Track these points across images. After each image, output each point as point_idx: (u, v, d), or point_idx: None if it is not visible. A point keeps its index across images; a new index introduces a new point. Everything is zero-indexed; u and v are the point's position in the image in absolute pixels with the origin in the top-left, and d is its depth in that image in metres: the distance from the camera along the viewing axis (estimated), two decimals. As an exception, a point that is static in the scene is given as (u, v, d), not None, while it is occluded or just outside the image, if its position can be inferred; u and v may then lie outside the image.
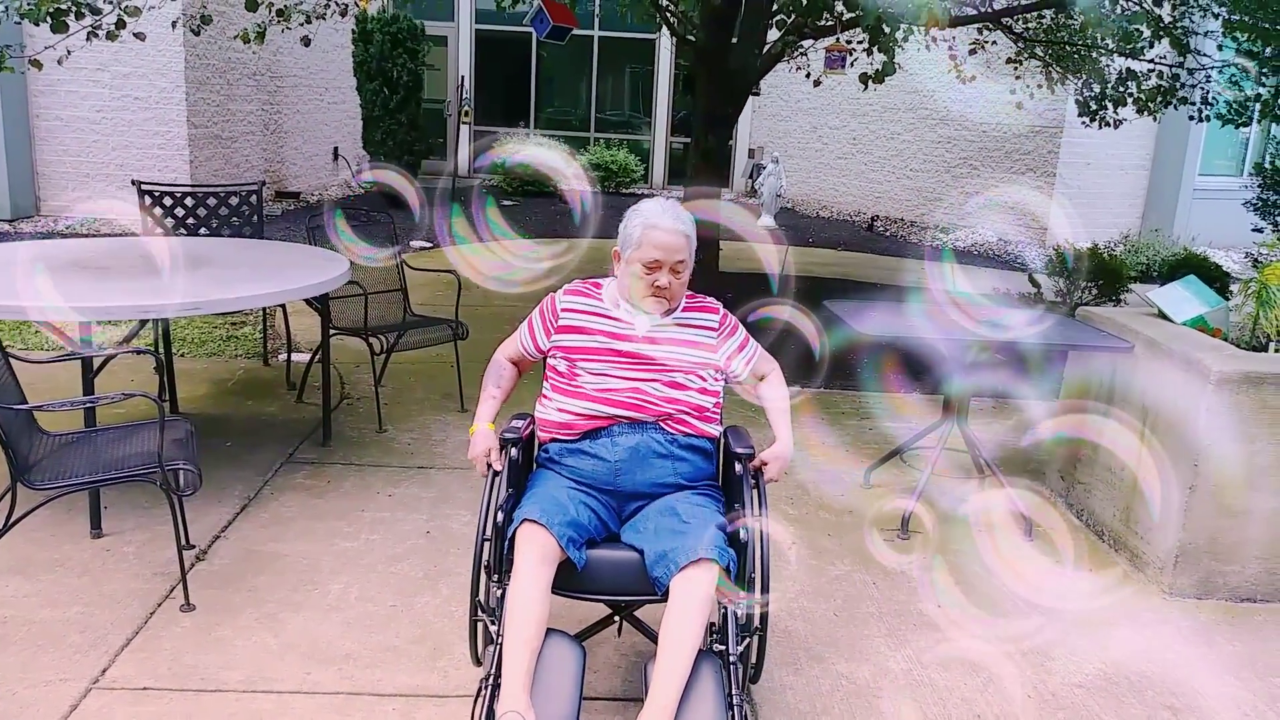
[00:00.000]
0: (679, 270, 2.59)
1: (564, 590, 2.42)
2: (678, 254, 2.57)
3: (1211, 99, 7.65)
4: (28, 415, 3.07)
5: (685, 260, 2.60)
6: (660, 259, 2.56)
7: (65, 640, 2.83)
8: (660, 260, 2.56)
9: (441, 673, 2.79)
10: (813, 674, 2.90)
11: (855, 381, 5.79)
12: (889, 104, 12.71)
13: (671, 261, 2.57)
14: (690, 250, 2.61)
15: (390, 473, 4.15)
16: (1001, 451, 4.69)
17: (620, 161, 14.36)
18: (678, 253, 2.57)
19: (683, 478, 2.59)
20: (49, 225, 9.16)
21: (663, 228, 2.56)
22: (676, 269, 2.58)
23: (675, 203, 2.65)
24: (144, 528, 3.52)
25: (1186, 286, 4.07)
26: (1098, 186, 11.57)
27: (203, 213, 5.25)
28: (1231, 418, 3.39)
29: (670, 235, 2.56)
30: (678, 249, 2.57)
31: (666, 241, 2.56)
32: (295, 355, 5.39)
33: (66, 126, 9.42)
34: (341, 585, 3.23)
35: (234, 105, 10.36)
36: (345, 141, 12.79)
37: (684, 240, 2.58)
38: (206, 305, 3.57)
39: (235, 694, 2.65)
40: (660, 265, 2.56)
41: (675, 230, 2.57)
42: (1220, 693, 2.95)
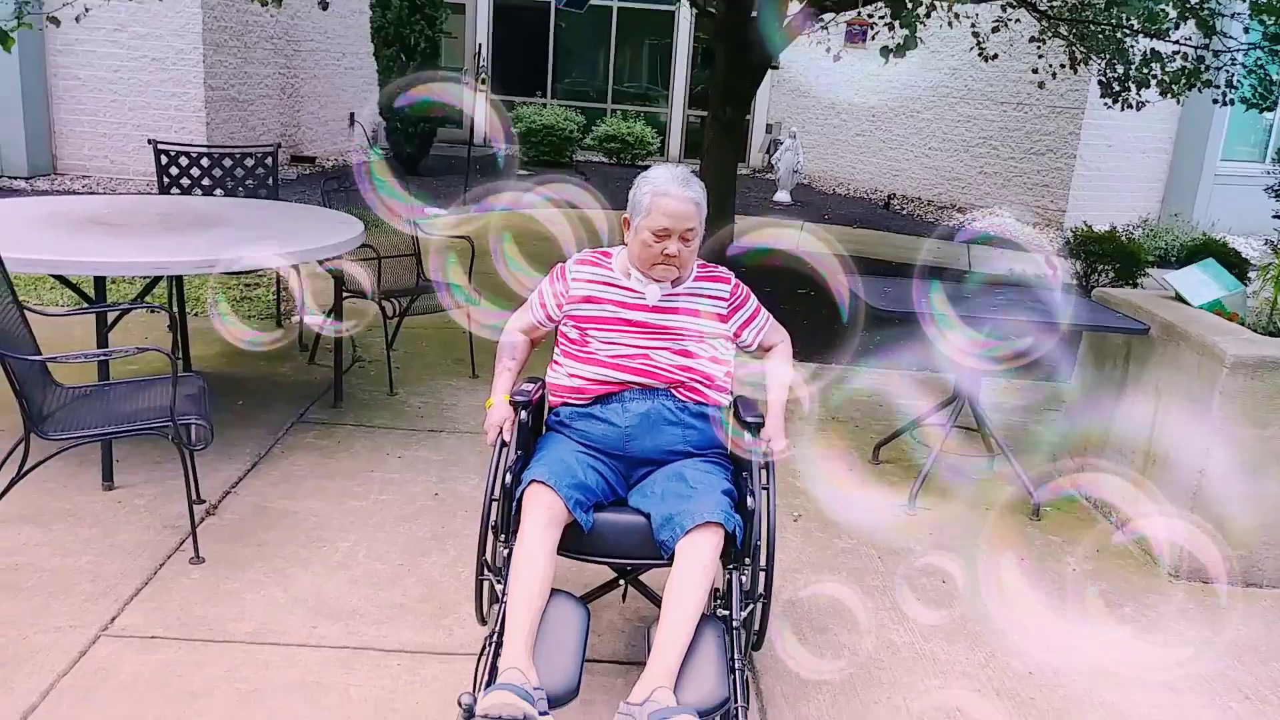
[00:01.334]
0: (688, 238, 2.58)
1: (570, 552, 2.44)
2: (687, 221, 2.55)
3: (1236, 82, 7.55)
4: (42, 367, 3.09)
5: (695, 228, 2.58)
6: (669, 227, 2.54)
7: (76, 588, 2.86)
8: (669, 228, 2.54)
9: (446, 631, 2.82)
10: (815, 644, 2.92)
11: (864, 356, 5.77)
12: (909, 81, 12.59)
13: (681, 229, 2.55)
14: (700, 218, 2.59)
15: (400, 435, 4.17)
16: (1011, 430, 4.68)
17: (637, 134, 14.28)
18: (687, 220, 2.55)
19: (691, 445, 2.59)
20: (65, 184, 9.19)
21: (673, 195, 2.54)
22: (686, 237, 2.57)
23: (685, 170, 2.63)
24: (155, 481, 3.55)
25: (1205, 270, 4.04)
26: (1118, 169, 11.46)
27: (218, 173, 5.24)
28: (1245, 403, 3.37)
29: (680, 203, 2.54)
30: (687, 216, 2.55)
31: (676, 209, 2.54)
32: (308, 318, 5.41)
33: (84, 86, 9.42)
34: (350, 543, 3.26)
35: (251, 68, 10.34)
36: (361, 108, 12.76)
37: (694, 208, 2.56)
38: (221, 263, 3.57)
39: (243, 645, 2.67)
40: (669, 233, 2.55)
41: (685, 198, 2.55)
42: (1223, 676, 2.95)
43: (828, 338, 6.04)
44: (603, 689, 2.60)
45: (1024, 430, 4.77)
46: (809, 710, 2.61)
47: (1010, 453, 4.04)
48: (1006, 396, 5.30)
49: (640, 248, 2.59)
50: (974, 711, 2.67)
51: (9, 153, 9.13)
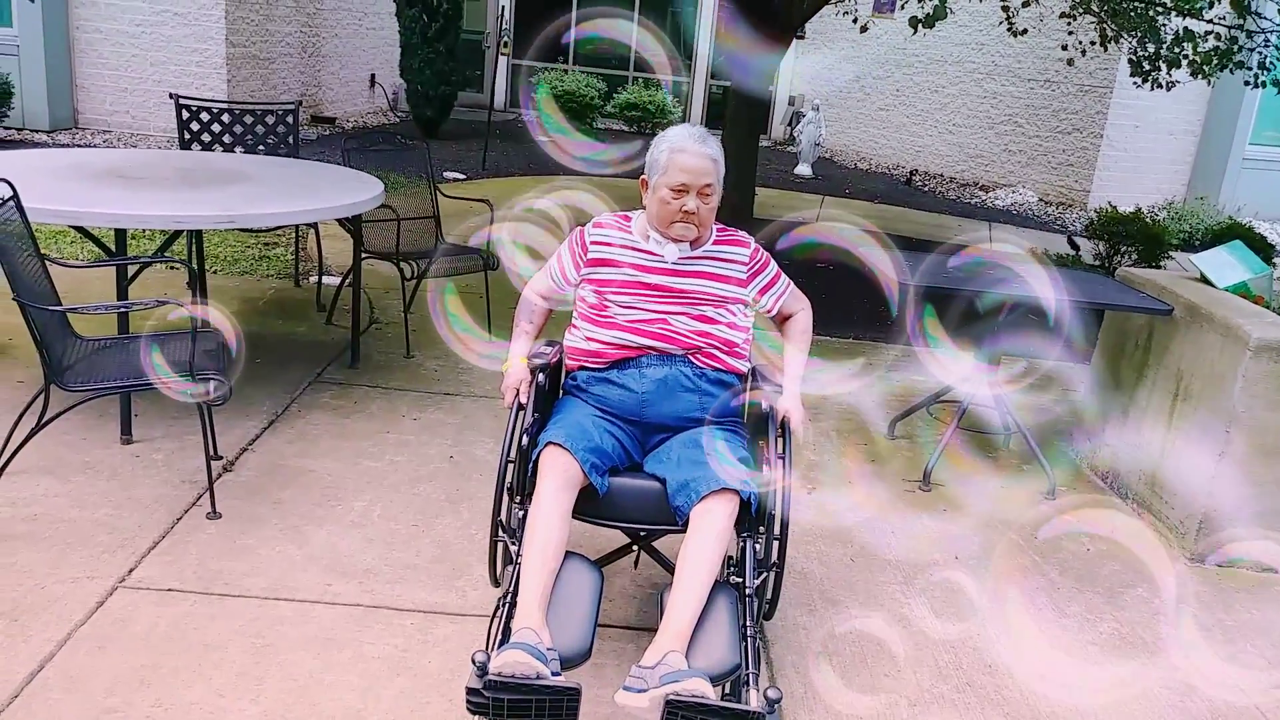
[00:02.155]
0: (707, 194, 2.56)
1: (585, 516, 2.44)
2: (705, 177, 2.54)
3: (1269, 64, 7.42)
4: (62, 318, 3.10)
5: (713, 184, 2.56)
6: (687, 182, 2.53)
7: (94, 540, 2.89)
8: (687, 184, 2.53)
9: (460, 592, 2.83)
10: (826, 616, 2.92)
11: (882, 331, 5.74)
12: (935, 56, 12.44)
13: (699, 185, 2.54)
14: (718, 175, 2.58)
15: (416, 397, 4.18)
16: (1028, 409, 4.65)
17: (658, 102, 14.16)
18: (705, 176, 2.54)
19: (708, 412, 2.58)
20: (86, 138, 9.19)
21: (690, 151, 2.53)
22: (705, 193, 2.55)
23: (702, 128, 2.62)
24: (173, 436, 3.56)
25: (1231, 251, 3.99)
26: (1145, 150, 11.31)
27: (239, 130, 5.23)
28: (1267, 386, 3.34)
29: (697, 159, 2.53)
30: (705, 172, 2.54)
31: (693, 165, 2.53)
32: (326, 278, 5.41)
33: (106, 39, 9.39)
34: (365, 503, 3.27)
35: (273, 26, 10.28)
36: (383, 69, 12.69)
37: (711, 164, 2.55)
38: (240, 219, 3.57)
39: (258, 600, 2.69)
40: (687, 189, 2.53)
41: (702, 154, 2.54)
42: (1236, 658, 2.94)
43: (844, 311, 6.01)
44: (614, 653, 2.61)
45: (1041, 409, 4.73)
46: (818, 680, 2.62)
47: (1026, 431, 4.02)
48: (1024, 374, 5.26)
49: (658, 205, 2.58)
50: (985, 685, 2.67)
51: (31, 105, 9.12)
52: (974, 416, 4.26)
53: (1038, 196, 11.60)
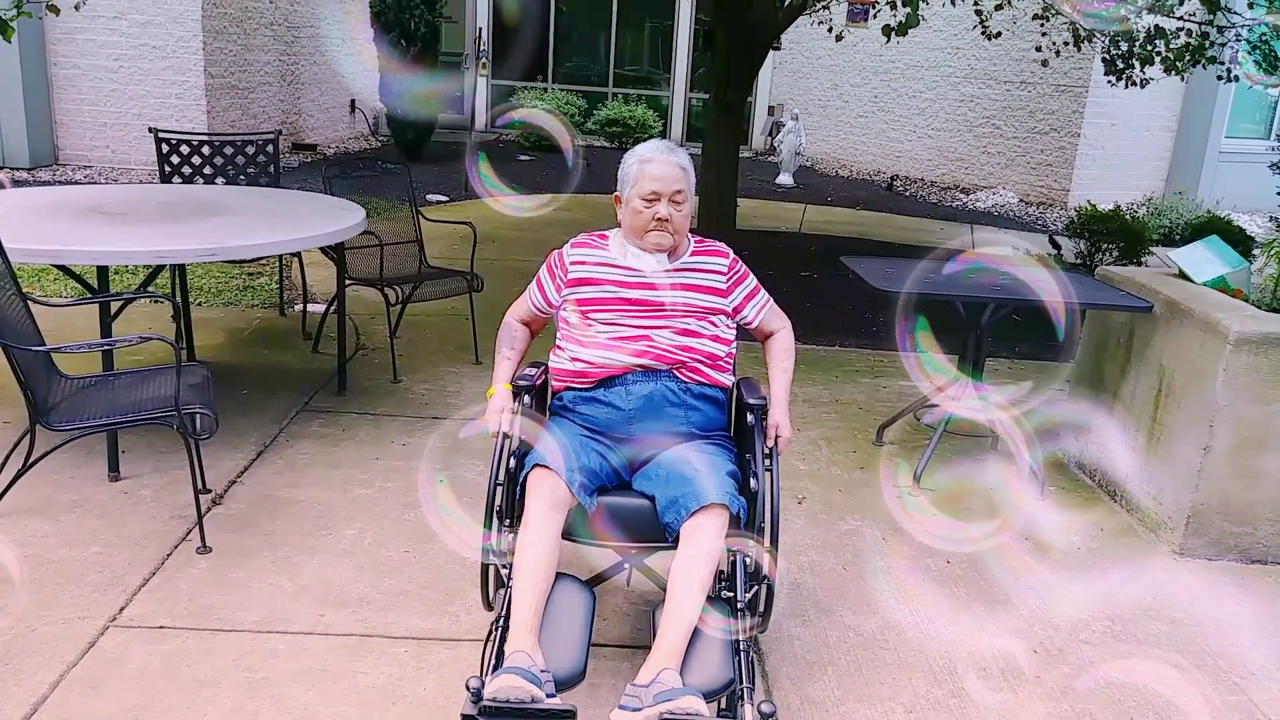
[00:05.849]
0: (678, 201, 2.61)
1: (575, 536, 2.44)
2: (675, 184, 2.60)
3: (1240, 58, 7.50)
4: (46, 358, 3.10)
5: (684, 191, 2.62)
6: (658, 190, 2.58)
7: (84, 579, 2.88)
8: (658, 191, 2.58)
9: (453, 617, 2.83)
10: (820, 625, 2.93)
11: (869, 339, 5.77)
12: (911, 62, 12.53)
13: (669, 192, 2.59)
14: (688, 182, 2.64)
15: (405, 422, 4.18)
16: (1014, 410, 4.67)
17: (638, 117, 14.23)
18: (675, 182, 2.60)
19: (695, 427, 2.59)
20: (67, 174, 9.18)
21: (658, 160, 2.61)
22: (676, 199, 2.60)
23: (670, 141, 2.67)
24: (161, 471, 3.56)
25: (1208, 246, 4.02)
26: (1123, 147, 11.40)
27: (219, 161, 5.24)
28: (1249, 379, 3.36)
29: (665, 166, 2.60)
30: (675, 179, 2.60)
31: (662, 173, 2.59)
32: (311, 306, 5.41)
33: (84, 75, 9.39)
34: (356, 531, 3.27)
35: (251, 55, 10.30)
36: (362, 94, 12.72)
37: (679, 171, 2.61)
38: (223, 252, 3.57)
39: (250, 634, 2.69)
40: (659, 196, 2.59)
41: (670, 162, 2.61)
42: (1227, 652, 2.95)
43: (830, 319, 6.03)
44: (609, 673, 2.61)
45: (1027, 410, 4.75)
46: (814, 691, 2.62)
47: (1013, 432, 4.03)
48: (1009, 377, 5.29)
49: (632, 216, 2.63)
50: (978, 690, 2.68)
51: (11, 143, 9.11)
52: (961, 419, 4.28)
53: (1018, 197, 11.67)
